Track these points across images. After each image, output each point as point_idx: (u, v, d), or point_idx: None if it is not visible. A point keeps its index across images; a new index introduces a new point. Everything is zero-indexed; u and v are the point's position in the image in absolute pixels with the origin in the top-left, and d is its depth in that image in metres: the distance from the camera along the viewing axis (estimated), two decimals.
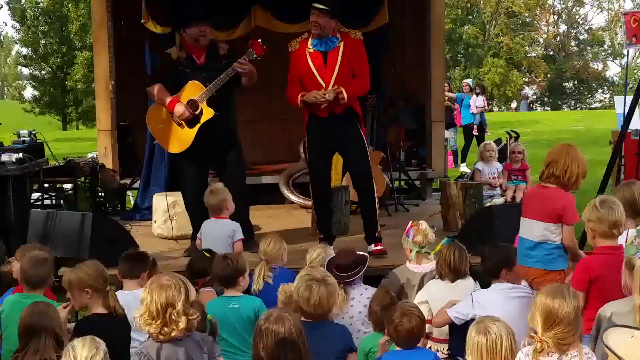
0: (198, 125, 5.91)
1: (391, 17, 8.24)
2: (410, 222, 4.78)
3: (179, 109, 5.89)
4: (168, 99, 5.94)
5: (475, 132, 14.04)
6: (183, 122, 5.92)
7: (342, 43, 5.81)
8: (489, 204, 7.27)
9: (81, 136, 27.26)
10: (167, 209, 6.77)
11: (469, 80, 15.95)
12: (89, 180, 8.37)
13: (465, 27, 47.67)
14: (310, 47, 5.86)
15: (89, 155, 9.21)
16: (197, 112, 5.89)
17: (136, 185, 8.47)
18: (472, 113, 14.15)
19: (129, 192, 9.16)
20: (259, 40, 5.90)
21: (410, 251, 4.69)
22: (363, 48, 5.90)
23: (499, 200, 7.62)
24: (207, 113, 5.88)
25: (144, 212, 8.05)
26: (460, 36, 46.70)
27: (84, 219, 5.68)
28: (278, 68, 9.64)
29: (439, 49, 9.09)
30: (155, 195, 7.18)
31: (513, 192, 7.89)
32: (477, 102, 14.22)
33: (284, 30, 8.16)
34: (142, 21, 7.99)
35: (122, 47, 9.36)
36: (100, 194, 8.48)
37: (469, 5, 48.70)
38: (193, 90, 5.90)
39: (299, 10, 8.14)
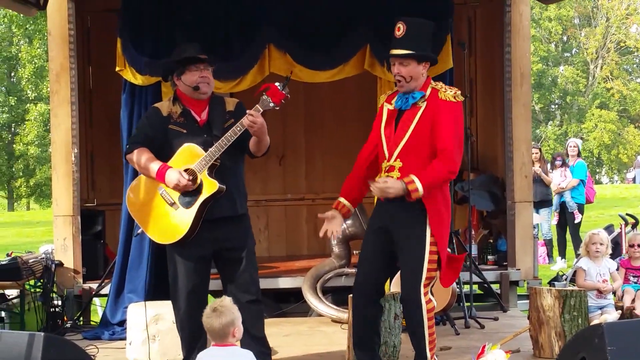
0: (197, 203, 5.90)
1: (454, 55, 8.34)
2: (484, 346, 4.70)
3: (172, 176, 5.85)
4: (156, 167, 5.96)
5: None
6: (176, 201, 5.94)
7: (425, 102, 5.69)
8: (597, 320, 7.16)
9: (33, 219, 27.66)
10: (146, 326, 6.77)
11: (578, 141, 15.76)
12: (40, 284, 8.42)
13: (561, 67, 48.02)
14: (391, 103, 5.84)
15: (42, 250, 9.29)
16: (195, 186, 5.87)
17: (105, 291, 8.51)
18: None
19: (95, 301, 9.18)
20: (277, 84, 5.84)
21: None
22: (455, 113, 5.68)
23: (612, 315, 7.53)
24: (210, 186, 5.87)
25: (115, 328, 8.06)
26: (554, 80, 47.02)
27: (31, 341, 5.67)
28: (297, 124, 9.79)
29: (523, 98, 9.11)
30: (131, 306, 7.19)
31: (632, 302, 7.81)
32: (554, 177, 13.88)
33: (309, 79, 8.31)
34: (118, 69, 8.20)
35: (90, 103, 9.57)
36: (55, 302, 8.51)
37: (565, 38, 49.14)
38: (189, 156, 5.91)
39: (330, 50, 8.36)
